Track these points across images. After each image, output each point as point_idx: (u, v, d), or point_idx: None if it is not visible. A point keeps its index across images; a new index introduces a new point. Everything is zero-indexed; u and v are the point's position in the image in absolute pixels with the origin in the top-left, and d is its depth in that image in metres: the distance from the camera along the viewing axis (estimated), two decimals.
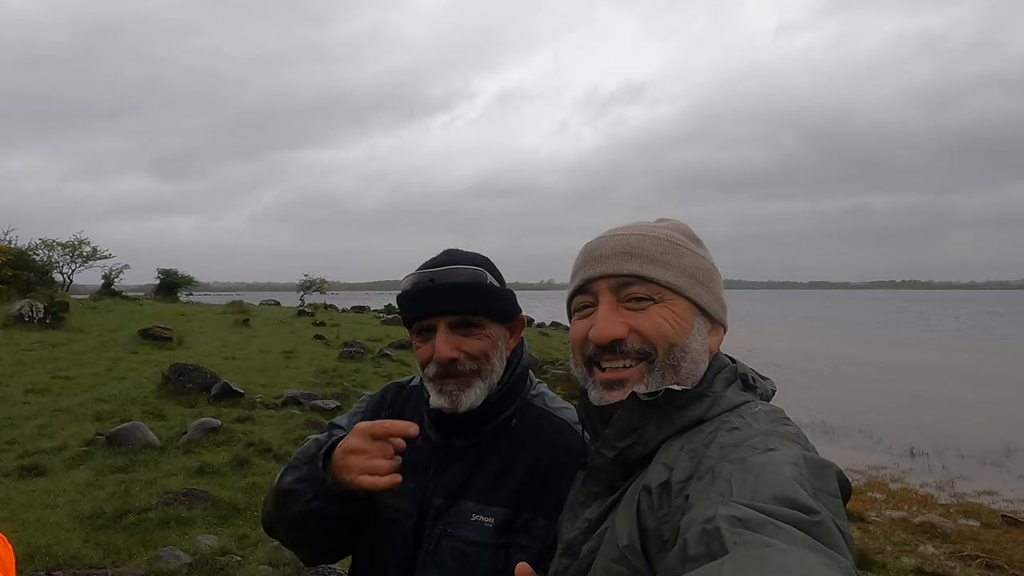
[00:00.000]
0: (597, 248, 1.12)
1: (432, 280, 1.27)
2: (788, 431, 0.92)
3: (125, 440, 6.66)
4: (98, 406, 8.32)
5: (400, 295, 1.33)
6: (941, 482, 8.45)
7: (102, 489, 5.49)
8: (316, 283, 48.71)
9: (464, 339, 1.27)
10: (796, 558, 0.65)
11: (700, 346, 1.08)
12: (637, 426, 1.01)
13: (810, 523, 0.71)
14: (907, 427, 11.61)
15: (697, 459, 0.90)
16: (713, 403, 1.01)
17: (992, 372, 19.70)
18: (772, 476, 0.78)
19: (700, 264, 1.11)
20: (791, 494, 0.75)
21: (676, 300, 1.07)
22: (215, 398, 9.01)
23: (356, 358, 13.73)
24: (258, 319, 21.66)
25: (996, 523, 6.66)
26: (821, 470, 0.81)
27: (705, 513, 0.75)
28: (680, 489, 0.88)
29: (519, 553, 1.21)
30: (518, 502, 1.24)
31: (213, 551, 4.39)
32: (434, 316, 1.27)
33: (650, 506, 0.91)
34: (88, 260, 33.20)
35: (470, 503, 1.26)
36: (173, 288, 35.23)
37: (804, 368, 19.99)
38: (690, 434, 0.97)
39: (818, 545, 0.68)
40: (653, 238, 1.10)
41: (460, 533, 1.25)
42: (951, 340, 32.68)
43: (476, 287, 1.27)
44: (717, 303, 1.12)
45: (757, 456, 0.83)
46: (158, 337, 13.90)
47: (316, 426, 7.86)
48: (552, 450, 1.28)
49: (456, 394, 1.26)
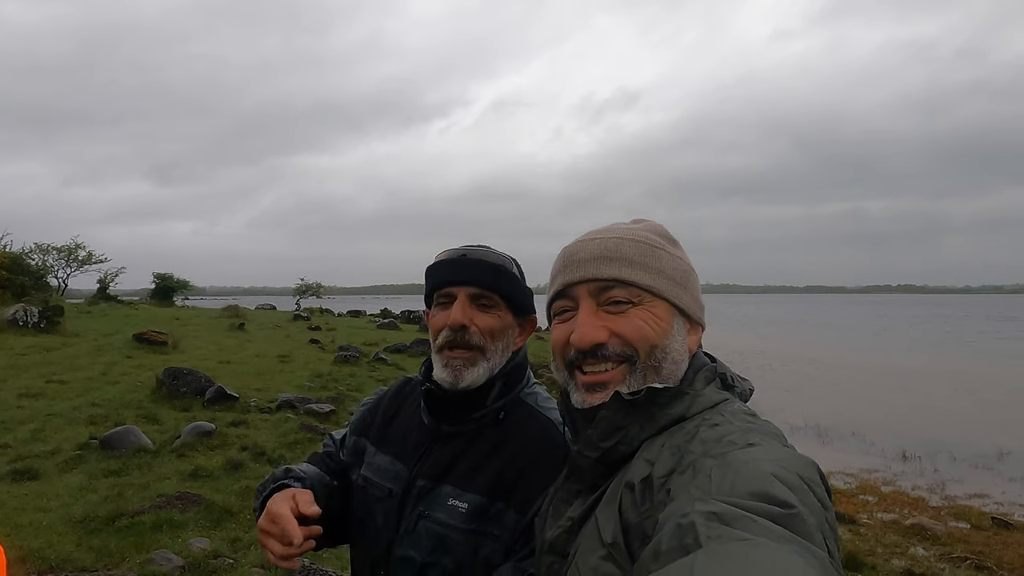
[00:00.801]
0: (575, 252, 1.12)
1: (464, 255, 1.34)
2: (768, 428, 0.93)
3: (119, 444, 6.66)
4: (92, 410, 8.32)
5: (430, 266, 1.38)
6: (932, 485, 8.49)
7: (95, 493, 5.49)
8: (312, 287, 48.67)
9: (478, 313, 1.32)
10: (769, 550, 0.65)
11: (680, 346, 1.09)
12: (621, 426, 1.02)
13: (786, 516, 0.71)
14: (899, 430, 11.65)
15: (679, 454, 0.91)
16: (694, 401, 1.02)
17: (983, 375, 19.78)
18: (751, 471, 0.79)
19: (677, 265, 1.12)
20: (768, 489, 0.75)
21: (655, 302, 1.08)
22: (209, 402, 9.01)
23: (352, 362, 13.74)
24: (253, 323, 21.65)
25: (986, 525, 6.70)
26: (800, 465, 0.82)
27: (682, 508, 0.76)
28: (662, 484, 0.89)
29: (489, 541, 1.25)
30: (493, 491, 1.27)
31: (206, 554, 4.40)
32: (456, 285, 1.32)
33: (632, 502, 0.92)
34: (83, 264, 33.12)
35: (449, 487, 1.30)
36: (169, 292, 35.16)
37: (798, 371, 20.05)
38: (672, 431, 0.98)
39: (793, 537, 0.68)
40: (631, 241, 1.11)
41: (436, 515, 1.28)
42: (945, 344, 32.80)
43: (501, 269, 1.35)
44: (695, 303, 1.13)
45: (737, 452, 0.84)
46: (153, 341, 13.89)
47: (311, 430, 7.87)
48: (534, 446, 1.31)
49: (460, 369, 1.30)
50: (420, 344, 16.69)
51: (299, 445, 7.25)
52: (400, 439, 1.40)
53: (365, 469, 1.41)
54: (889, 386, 17.76)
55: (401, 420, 1.44)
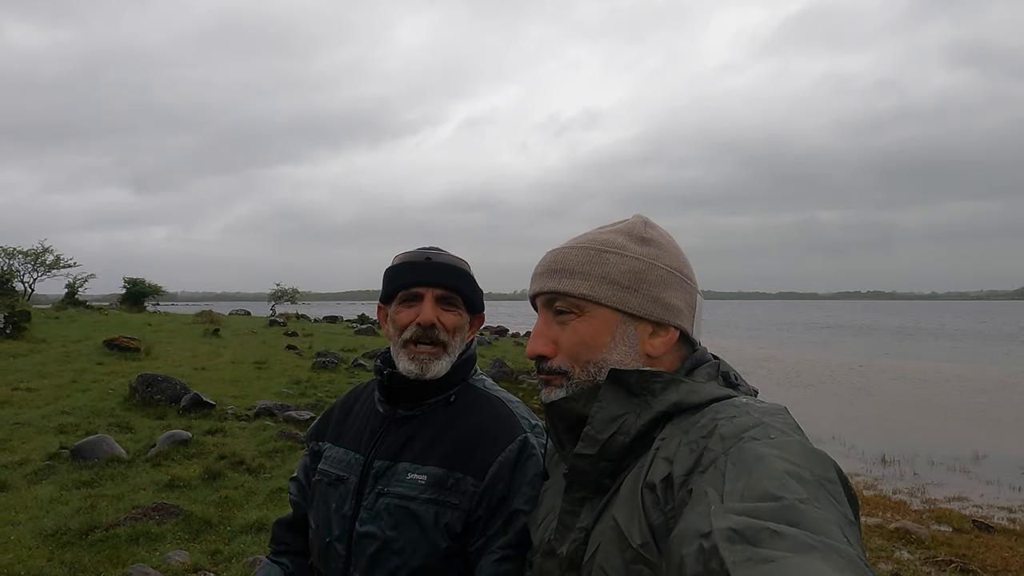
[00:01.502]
0: (537, 266, 1.17)
1: (428, 258, 1.44)
2: (786, 420, 0.92)
3: (91, 453, 6.45)
4: (62, 419, 8.07)
5: (392, 267, 1.47)
6: (913, 488, 8.57)
7: (67, 505, 5.29)
8: (288, 293, 48.08)
9: (443, 312, 1.43)
10: (799, 567, 0.64)
11: (624, 356, 1.08)
12: (616, 415, 1.02)
13: (803, 517, 0.71)
14: (878, 434, 11.79)
15: (698, 451, 0.90)
16: (691, 390, 1.02)
17: (958, 379, 20.18)
18: (765, 470, 0.79)
19: (629, 267, 1.09)
20: (782, 490, 0.75)
21: (595, 311, 1.09)
22: (185, 410, 8.79)
23: (330, 368, 13.55)
24: (228, 329, 21.27)
25: (968, 528, 6.76)
26: (816, 462, 0.81)
27: (700, 526, 0.74)
28: (682, 483, 0.88)
29: (449, 510, 1.34)
30: (450, 463, 1.37)
31: (185, 568, 4.24)
32: (424, 286, 1.42)
33: (655, 502, 0.91)
34: (51, 269, 32.33)
35: (407, 463, 1.39)
36: (140, 298, 34.46)
37: (777, 375, 20.26)
38: (685, 426, 0.97)
39: (817, 541, 0.67)
40: (579, 249, 1.12)
41: (395, 490, 1.37)
42: (919, 348, 33.45)
43: (464, 272, 1.47)
44: (655, 304, 1.09)
45: (752, 446, 0.84)
46: (125, 347, 13.55)
47: (290, 437, 7.71)
48: (484, 419, 1.43)
49: (426, 362, 1.40)
50: None
51: (279, 453, 7.08)
52: (354, 431, 1.50)
53: (321, 463, 1.50)
54: (865, 389, 18.02)
55: (355, 415, 1.54)
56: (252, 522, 5.04)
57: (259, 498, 5.65)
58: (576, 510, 1.06)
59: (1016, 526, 6.99)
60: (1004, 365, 24.54)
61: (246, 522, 5.06)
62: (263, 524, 4.93)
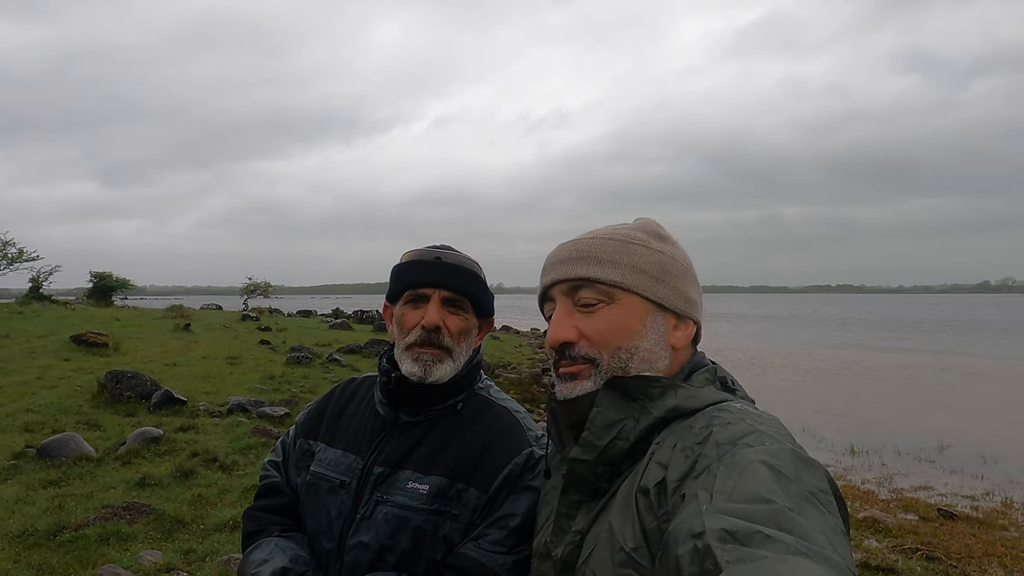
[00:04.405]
0: (553, 255, 1.16)
1: (438, 258, 1.39)
2: (779, 429, 0.93)
3: (58, 452, 6.29)
4: (27, 416, 7.85)
5: (400, 265, 1.43)
6: (880, 478, 8.78)
7: (33, 505, 5.16)
8: (260, 287, 47.40)
9: (449, 315, 1.38)
10: (790, 566, 0.65)
11: (654, 344, 1.09)
12: (615, 420, 1.02)
13: (792, 523, 0.72)
14: (846, 425, 12.05)
15: (693, 457, 0.91)
16: (689, 395, 1.02)
17: (925, 371, 20.68)
18: (758, 474, 0.79)
19: (656, 259, 1.11)
20: (771, 495, 0.75)
21: (627, 298, 1.09)
22: (156, 406, 8.63)
23: (304, 363, 13.40)
24: (200, 324, 20.90)
25: (933, 516, 6.95)
26: (811, 469, 0.83)
27: (693, 526, 0.75)
28: (676, 488, 0.89)
29: (449, 521, 1.30)
30: (454, 473, 1.33)
31: (157, 567, 4.17)
32: (431, 287, 1.37)
33: (648, 506, 0.92)
34: (14, 262, 31.42)
35: (409, 472, 1.34)
36: (107, 292, 33.68)
37: (746, 367, 20.55)
38: (680, 430, 0.98)
39: (806, 547, 0.68)
40: (604, 240, 1.12)
41: (395, 499, 1.32)
42: (887, 340, 34.18)
43: (473, 274, 1.42)
44: (679, 297, 1.12)
45: (749, 453, 0.85)
46: (92, 343, 13.24)
47: (264, 434, 7.61)
48: (490, 430, 1.39)
49: (430, 364, 1.36)
50: (375, 344, 16.40)
51: (252, 450, 6.98)
52: (351, 433, 1.44)
53: (315, 465, 1.44)
54: (833, 381, 18.38)
55: (351, 415, 1.48)
56: (226, 520, 4.98)
57: (233, 496, 5.58)
58: (572, 513, 1.07)
59: (979, 514, 7.21)
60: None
61: (220, 520, 5.00)
62: (237, 522, 4.86)
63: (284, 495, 1.48)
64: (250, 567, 1.32)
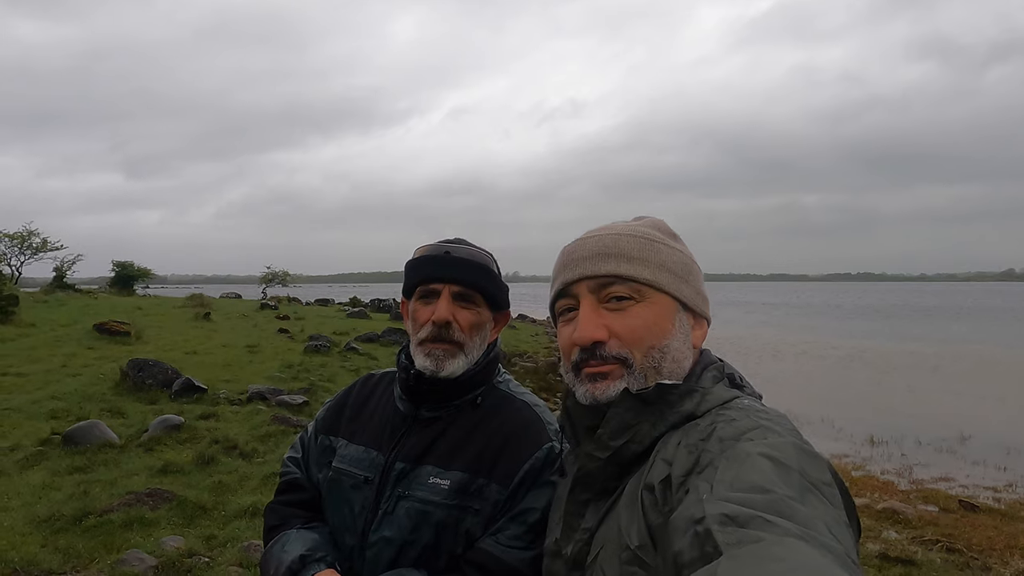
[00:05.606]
0: (575, 251, 1.12)
1: (447, 252, 1.39)
2: (784, 424, 0.93)
3: (83, 439, 6.42)
4: (53, 404, 8.01)
5: (411, 261, 1.43)
6: (900, 469, 8.69)
7: (59, 491, 5.27)
8: (279, 275, 47.84)
9: (460, 310, 1.38)
10: (788, 547, 0.66)
11: (682, 344, 1.08)
12: (631, 424, 1.01)
13: (792, 511, 0.72)
14: (866, 415, 11.93)
15: (696, 453, 0.91)
16: (703, 398, 1.02)
17: (945, 360, 20.39)
18: (758, 464, 0.80)
19: (678, 259, 1.12)
20: (770, 486, 0.76)
21: (657, 297, 1.08)
22: (177, 394, 8.77)
23: (322, 352, 13.52)
24: (219, 313, 21.17)
25: (954, 508, 6.87)
26: (814, 462, 0.83)
27: (694, 513, 0.76)
28: (680, 484, 0.89)
29: (470, 516, 1.31)
30: (475, 468, 1.33)
31: (180, 553, 4.24)
32: (441, 282, 1.37)
33: (653, 503, 0.92)
34: (38, 252, 31.99)
35: (430, 467, 1.35)
36: (129, 281, 34.19)
37: (765, 358, 20.41)
38: (686, 428, 0.98)
39: (805, 532, 0.69)
40: (629, 236, 1.11)
41: (416, 494, 1.33)
42: (907, 329, 33.73)
43: (484, 267, 1.40)
44: (698, 297, 1.13)
45: (750, 446, 0.85)
46: (115, 332, 13.46)
47: (283, 422, 7.70)
48: (511, 424, 1.39)
49: (442, 359, 1.35)
50: (392, 333, 16.50)
51: (272, 438, 7.08)
52: (372, 429, 1.44)
53: (337, 461, 1.44)
54: (853, 371, 18.19)
55: (371, 411, 1.48)
56: (246, 507, 5.05)
57: (253, 482, 5.66)
58: (581, 511, 1.08)
59: (1001, 506, 7.12)
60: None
61: (240, 507, 5.07)
62: (257, 509, 4.93)
63: (305, 490, 1.49)
64: (273, 557, 1.36)
